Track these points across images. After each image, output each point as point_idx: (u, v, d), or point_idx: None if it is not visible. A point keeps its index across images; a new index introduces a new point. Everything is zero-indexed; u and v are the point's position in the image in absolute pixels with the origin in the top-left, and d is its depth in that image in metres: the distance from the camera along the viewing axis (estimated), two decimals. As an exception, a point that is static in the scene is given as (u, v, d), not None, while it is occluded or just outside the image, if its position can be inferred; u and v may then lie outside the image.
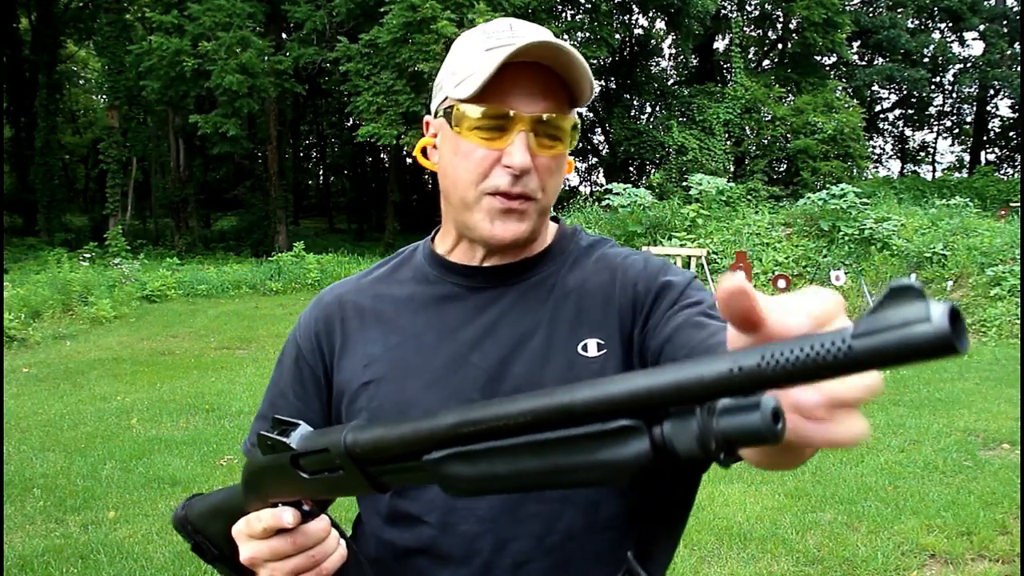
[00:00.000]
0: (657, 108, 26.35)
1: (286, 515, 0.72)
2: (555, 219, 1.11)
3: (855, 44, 27.64)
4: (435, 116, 1.00)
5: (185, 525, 0.88)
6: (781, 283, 10.39)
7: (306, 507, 0.73)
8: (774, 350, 0.37)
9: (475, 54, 0.92)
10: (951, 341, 0.33)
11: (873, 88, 29.68)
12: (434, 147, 1.01)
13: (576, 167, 33.52)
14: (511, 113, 0.91)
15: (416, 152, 1.03)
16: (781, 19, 25.35)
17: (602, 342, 0.96)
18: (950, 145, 34.33)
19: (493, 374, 0.96)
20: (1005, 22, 26.85)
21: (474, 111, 0.92)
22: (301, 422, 0.70)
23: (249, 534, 0.76)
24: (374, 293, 1.07)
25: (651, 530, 0.89)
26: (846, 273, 10.89)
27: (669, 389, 0.41)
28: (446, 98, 0.96)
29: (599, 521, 0.92)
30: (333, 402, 1.04)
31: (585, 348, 0.95)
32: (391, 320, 1.03)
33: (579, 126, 0.99)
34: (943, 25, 29.31)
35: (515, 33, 0.92)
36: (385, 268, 1.10)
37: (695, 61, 26.84)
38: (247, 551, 0.76)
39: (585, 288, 1.00)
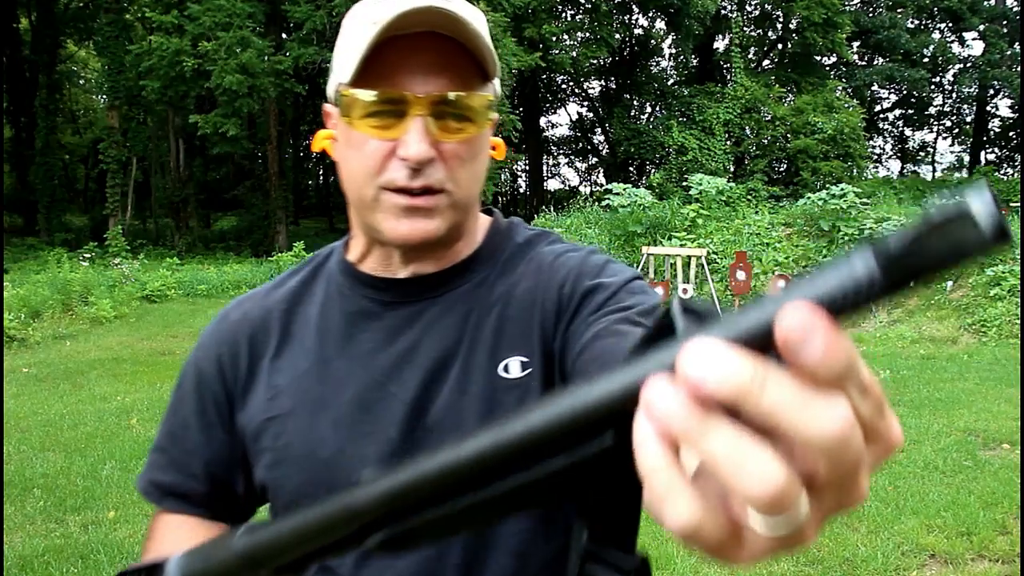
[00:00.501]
0: (657, 108, 26.36)
1: None
2: (488, 211, 0.97)
3: (855, 44, 27.64)
4: (334, 104, 0.86)
5: None
6: (781, 283, 10.37)
7: None
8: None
9: (361, 27, 0.78)
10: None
11: (873, 88, 29.70)
12: (335, 140, 0.88)
13: (576, 167, 33.70)
14: (405, 95, 0.78)
15: (318, 146, 0.89)
16: (781, 19, 25.36)
17: (525, 360, 0.83)
18: (950, 145, 34.35)
19: (414, 407, 0.83)
20: (1005, 22, 26.85)
21: (363, 96, 0.79)
22: (167, 558, 0.52)
23: None
24: (283, 309, 0.93)
25: (605, 517, 0.79)
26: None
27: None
28: (339, 83, 0.83)
29: (529, 570, 0.82)
30: (238, 436, 0.91)
31: (507, 369, 0.83)
32: (300, 343, 0.90)
33: (495, 103, 0.84)
34: (943, 25, 29.31)
35: None
36: (297, 278, 0.97)
37: (695, 61, 26.85)
38: None
39: (511, 296, 0.87)
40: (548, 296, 0.85)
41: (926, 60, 28.20)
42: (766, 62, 27.02)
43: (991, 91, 29.38)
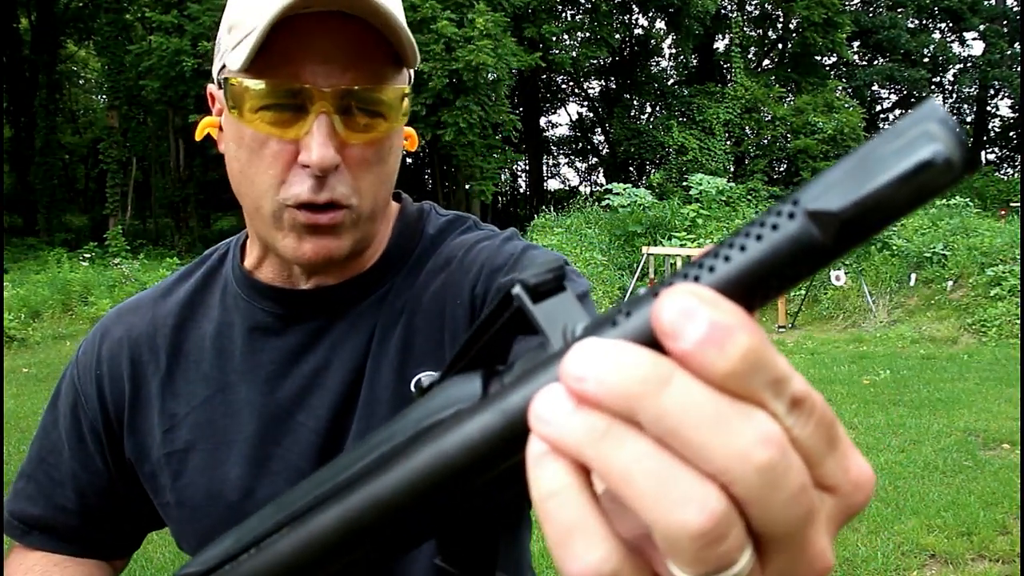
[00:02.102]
0: (657, 108, 26.35)
1: None
2: (397, 197, 0.86)
3: (855, 44, 27.65)
4: (219, 87, 0.75)
5: None
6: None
7: None
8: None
9: (256, 1, 0.67)
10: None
11: (873, 88, 29.68)
12: (220, 129, 0.76)
13: (576, 167, 33.68)
14: (307, 88, 0.67)
15: (202, 134, 0.79)
16: (781, 19, 25.36)
17: (436, 375, 0.74)
18: (950, 145, 34.31)
19: (325, 438, 0.76)
20: (1005, 22, 26.86)
21: (256, 86, 0.67)
22: None
23: None
24: (173, 324, 0.83)
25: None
26: (846, 273, 10.89)
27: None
28: (224, 66, 0.71)
29: None
30: (124, 466, 0.83)
31: (419, 385, 0.75)
32: (196, 365, 0.80)
33: (410, 95, 0.74)
34: (943, 25, 29.31)
35: None
36: (188, 285, 0.86)
37: (695, 61, 26.84)
38: None
39: (418, 304, 0.77)
40: (459, 300, 0.76)
41: (926, 60, 28.20)
42: (766, 62, 27.02)
43: (991, 91, 29.38)
